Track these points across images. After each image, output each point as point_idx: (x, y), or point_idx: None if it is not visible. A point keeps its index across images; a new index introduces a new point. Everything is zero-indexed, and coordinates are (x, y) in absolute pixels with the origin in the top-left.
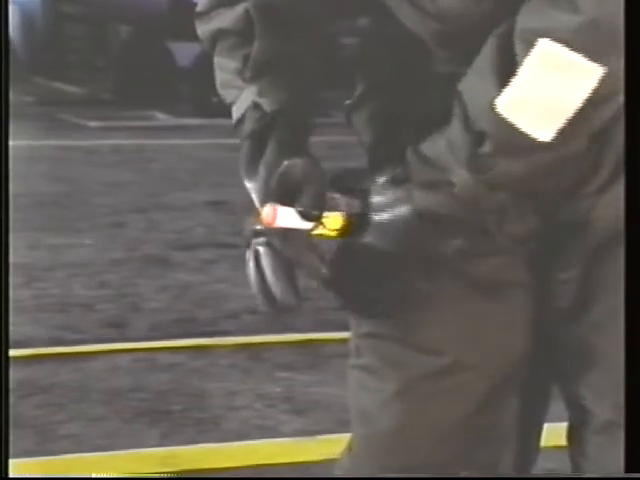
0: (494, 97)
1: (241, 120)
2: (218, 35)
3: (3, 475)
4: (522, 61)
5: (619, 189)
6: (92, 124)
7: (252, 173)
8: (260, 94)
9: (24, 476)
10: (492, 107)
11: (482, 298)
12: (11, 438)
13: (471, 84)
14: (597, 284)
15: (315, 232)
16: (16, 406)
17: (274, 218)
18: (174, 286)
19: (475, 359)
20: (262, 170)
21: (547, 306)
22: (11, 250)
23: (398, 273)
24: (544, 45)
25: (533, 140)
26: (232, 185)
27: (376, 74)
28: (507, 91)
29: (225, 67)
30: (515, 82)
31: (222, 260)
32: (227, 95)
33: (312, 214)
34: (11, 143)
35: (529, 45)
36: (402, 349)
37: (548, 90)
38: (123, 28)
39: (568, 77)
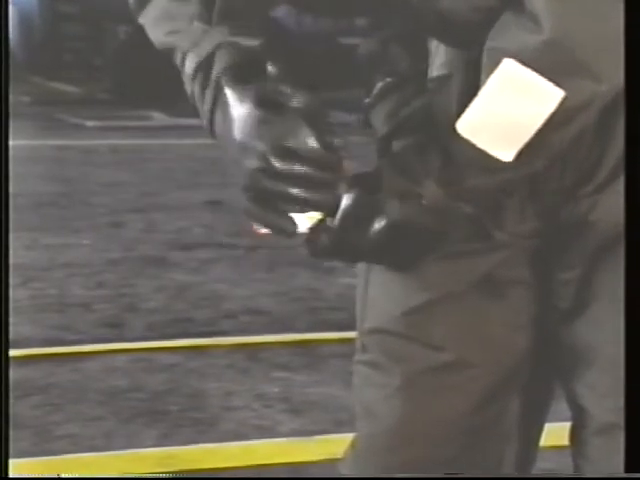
0: (456, 116)
1: (202, 65)
2: None
3: (3, 475)
4: (486, 80)
5: (620, 189)
6: (90, 124)
7: (242, 99)
8: (233, 34)
9: (23, 476)
10: (454, 127)
11: (484, 296)
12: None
13: (440, 99)
14: (598, 285)
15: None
16: (13, 406)
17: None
18: (172, 286)
19: (477, 356)
20: (262, 98)
21: (548, 305)
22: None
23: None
24: (507, 65)
25: (496, 159)
26: (230, 185)
27: (393, 72)
28: (468, 112)
29: (175, 13)
30: (476, 102)
31: (220, 260)
32: (180, 41)
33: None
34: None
35: (494, 64)
36: (406, 344)
37: (508, 111)
38: (121, 28)
39: (529, 99)
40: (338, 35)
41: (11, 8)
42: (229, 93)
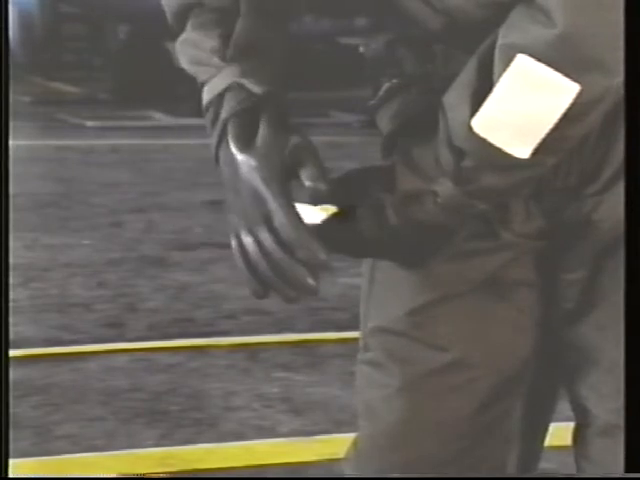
0: (470, 115)
1: (213, 101)
2: (192, 8)
3: (3, 475)
4: (499, 77)
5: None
6: (90, 124)
7: (243, 149)
8: (244, 75)
9: (24, 476)
10: (469, 125)
11: (488, 297)
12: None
13: (452, 98)
14: (603, 285)
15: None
16: (13, 406)
17: None
18: (172, 286)
19: (480, 357)
20: (261, 149)
21: (552, 306)
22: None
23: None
24: (520, 61)
25: (511, 157)
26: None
27: (399, 74)
28: (483, 109)
29: (199, 44)
30: (491, 99)
31: (220, 260)
32: (199, 73)
33: (322, 192)
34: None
35: (508, 61)
36: (409, 344)
37: (523, 107)
38: (121, 28)
39: (543, 94)
40: (338, 35)
41: (11, 8)
42: (233, 143)
